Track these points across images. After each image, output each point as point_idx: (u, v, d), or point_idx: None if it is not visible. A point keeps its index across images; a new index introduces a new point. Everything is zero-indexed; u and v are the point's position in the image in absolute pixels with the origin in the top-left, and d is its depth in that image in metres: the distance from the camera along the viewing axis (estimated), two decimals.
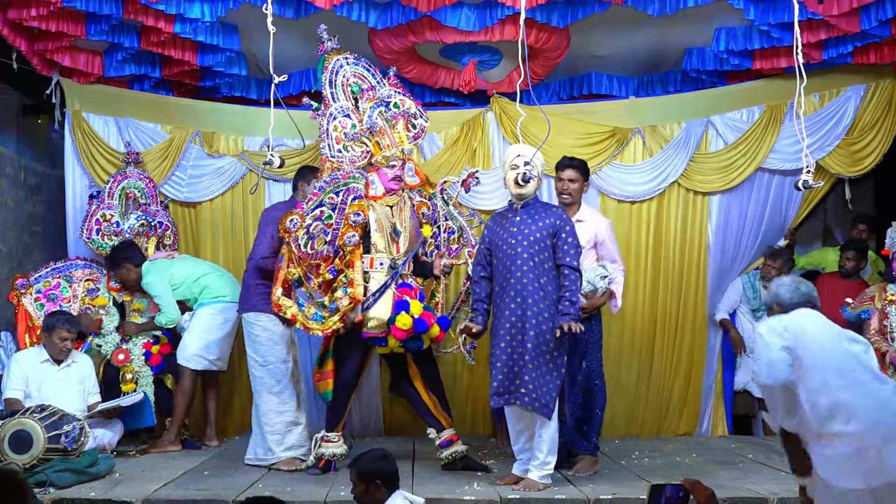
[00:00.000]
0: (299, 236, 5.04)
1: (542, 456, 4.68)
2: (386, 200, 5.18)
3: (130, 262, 5.93)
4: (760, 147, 6.45)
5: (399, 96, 5.34)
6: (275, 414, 5.31)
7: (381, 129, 5.24)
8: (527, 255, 4.72)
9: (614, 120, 6.59)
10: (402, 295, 5.02)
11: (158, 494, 4.44)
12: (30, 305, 6.00)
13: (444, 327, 5.11)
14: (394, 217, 5.17)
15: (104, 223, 6.15)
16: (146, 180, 6.34)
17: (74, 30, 5.80)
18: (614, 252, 5.37)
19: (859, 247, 6.72)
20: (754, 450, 5.84)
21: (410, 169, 5.33)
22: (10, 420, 4.68)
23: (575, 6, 5.75)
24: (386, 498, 3.61)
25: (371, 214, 5.11)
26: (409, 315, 4.92)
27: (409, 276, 5.20)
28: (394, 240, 5.14)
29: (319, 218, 5.07)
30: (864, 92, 6.49)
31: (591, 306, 5.17)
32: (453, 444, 5.21)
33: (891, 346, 5.83)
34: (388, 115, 5.27)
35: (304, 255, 5.08)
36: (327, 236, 5.06)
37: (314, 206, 5.10)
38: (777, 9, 5.66)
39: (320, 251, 5.07)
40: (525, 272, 4.71)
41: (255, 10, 5.23)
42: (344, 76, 5.34)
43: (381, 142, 5.25)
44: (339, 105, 5.27)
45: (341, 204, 5.10)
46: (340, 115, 5.24)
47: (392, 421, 6.65)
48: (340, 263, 5.09)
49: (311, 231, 5.05)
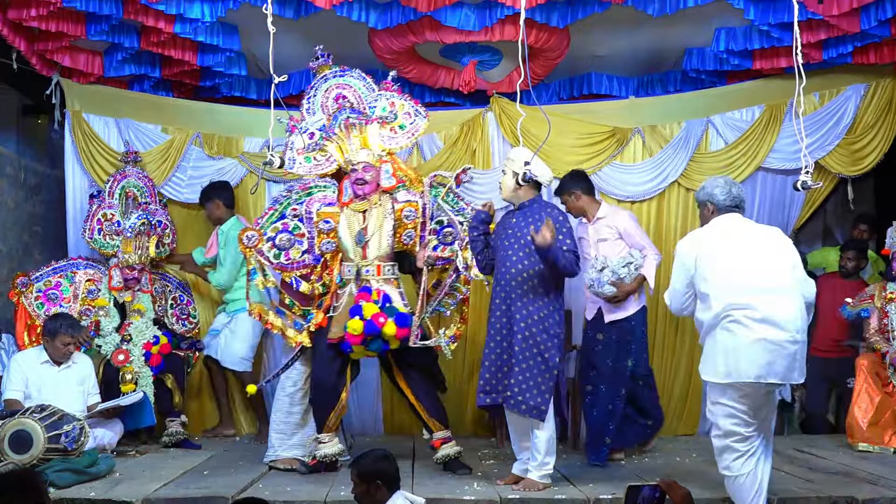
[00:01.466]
0: (264, 249, 5.17)
1: (540, 456, 4.68)
2: (356, 206, 5.21)
3: (222, 201, 6.27)
4: (760, 147, 6.46)
5: (386, 100, 5.39)
6: (284, 414, 5.33)
7: (338, 136, 5.31)
8: (516, 257, 4.75)
9: (614, 120, 6.59)
10: (358, 300, 5.01)
11: (158, 494, 4.44)
12: (29, 304, 6.00)
13: (400, 324, 4.94)
14: (365, 222, 5.17)
15: (105, 222, 6.17)
16: (145, 179, 6.35)
17: (74, 30, 5.80)
18: (642, 240, 5.50)
19: (859, 247, 6.73)
20: None
21: (387, 171, 5.29)
22: (10, 420, 4.68)
23: (575, 6, 5.75)
24: (387, 498, 3.61)
25: (341, 220, 5.18)
26: (361, 319, 4.89)
27: (376, 279, 5.14)
28: (359, 245, 5.15)
29: (286, 230, 5.20)
30: (864, 91, 6.49)
31: (623, 293, 5.32)
32: (444, 447, 5.14)
33: (891, 346, 5.84)
34: (354, 121, 5.32)
35: (282, 265, 5.23)
36: (302, 245, 5.21)
37: (274, 219, 5.23)
38: (777, 9, 5.66)
39: (300, 261, 5.22)
40: (514, 274, 4.74)
41: (255, 10, 5.23)
42: (326, 91, 5.41)
43: (342, 147, 5.31)
44: (312, 121, 5.37)
45: (307, 214, 5.21)
46: (303, 132, 5.35)
47: (392, 421, 6.65)
48: (325, 274, 5.18)
49: (279, 243, 5.19)
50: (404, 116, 5.46)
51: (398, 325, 4.93)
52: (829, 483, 4.73)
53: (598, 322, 5.44)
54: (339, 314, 5.08)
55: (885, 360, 5.84)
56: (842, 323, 6.50)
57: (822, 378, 6.71)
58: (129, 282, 6.02)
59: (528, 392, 4.62)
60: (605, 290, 5.29)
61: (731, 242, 4.19)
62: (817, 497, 4.41)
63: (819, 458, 5.55)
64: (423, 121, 5.48)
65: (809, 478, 4.86)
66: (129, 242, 6.05)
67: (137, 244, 6.06)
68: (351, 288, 5.13)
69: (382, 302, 5.01)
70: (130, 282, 6.02)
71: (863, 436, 5.77)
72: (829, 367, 6.64)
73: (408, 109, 5.44)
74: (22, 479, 3.08)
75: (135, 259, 6.02)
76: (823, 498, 4.41)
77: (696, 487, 4.58)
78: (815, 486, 4.61)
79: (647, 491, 2.88)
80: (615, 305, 5.38)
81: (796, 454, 5.68)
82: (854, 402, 5.86)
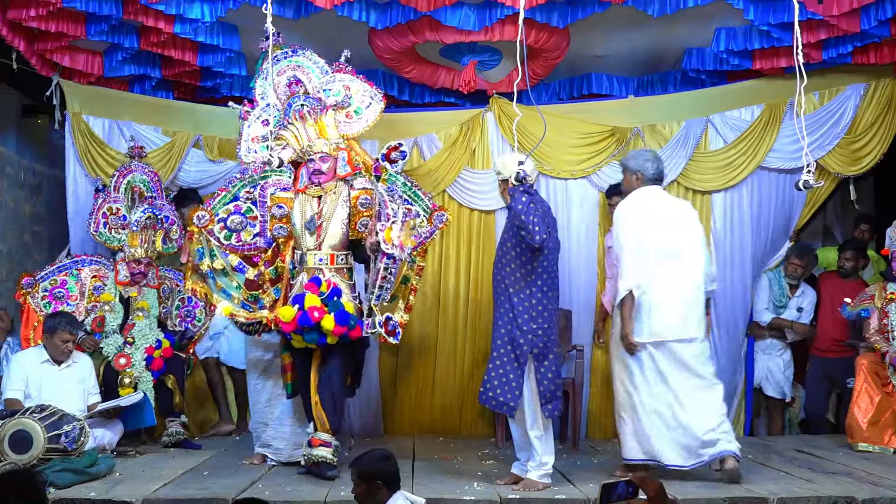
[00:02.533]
0: (215, 230, 5.11)
1: (538, 456, 4.68)
2: (311, 192, 5.12)
3: (198, 203, 6.15)
4: (760, 146, 6.46)
5: (340, 83, 5.31)
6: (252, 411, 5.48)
7: (294, 124, 5.22)
8: (495, 257, 4.84)
9: (614, 119, 6.59)
10: (306, 289, 4.90)
11: (158, 494, 4.43)
12: (36, 304, 5.97)
13: (340, 321, 4.76)
14: (319, 208, 5.07)
15: (111, 216, 6.12)
16: (151, 174, 6.29)
17: (74, 30, 5.81)
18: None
19: (858, 247, 6.73)
20: (754, 450, 5.83)
21: (343, 159, 5.17)
22: (10, 420, 4.67)
23: (575, 6, 5.75)
24: (387, 498, 3.61)
25: (295, 206, 5.10)
26: (298, 308, 4.76)
27: (329, 268, 5.00)
28: (309, 231, 5.05)
29: (239, 212, 5.13)
30: (863, 91, 6.50)
31: None
32: (319, 448, 4.93)
33: (891, 346, 5.83)
34: (309, 108, 5.23)
35: (233, 247, 5.16)
36: (255, 228, 5.15)
37: (227, 201, 5.16)
38: (777, 9, 5.67)
39: (251, 243, 5.17)
40: (494, 275, 4.81)
41: (255, 10, 5.22)
42: (278, 73, 5.31)
43: (298, 136, 5.22)
44: (263, 106, 5.29)
45: (260, 198, 5.16)
46: (256, 120, 5.29)
47: (392, 421, 6.65)
48: (276, 258, 5.12)
49: (231, 225, 5.12)
50: (360, 100, 5.36)
51: (337, 322, 4.77)
52: (829, 483, 4.73)
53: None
54: (284, 304, 5.01)
55: (885, 359, 5.84)
56: (842, 323, 6.50)
57: (823, 378, 6.71)
58: (136, 276, 5.99)
59: (501, 388, 4.64)
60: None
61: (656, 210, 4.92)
62: (817, 497, 4.41)
63: (819, 458, 5.55)
64: (380, 105, 5.39)
65: (809, 478, 4.86)
66: (135, 236, 6.02)
67: (143, 238, 6.01)
68: (303, 277, 5.02)
69: (330, 295, 4.85)
70: (137, 276, 5.99)
71: (862, 436, 5.77)
72: (829, 367, 6.64)
73: (363, 93, 5.33)
74: (21, 479, 3.08)
75: (141, 253, 5.99)
76: (823, 498, 4.41)
77: (697, 487, 4.59)
78: (815, 486, 4.61)
79: (622, 487, 2.96)
80: None
81: (796, 454, 5.68)
82: (854, 402, 5.87)
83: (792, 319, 6.65)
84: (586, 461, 5.53)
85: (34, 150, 7.10)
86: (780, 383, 6.73)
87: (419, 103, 7.05)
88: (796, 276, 6.58)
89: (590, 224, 6.55)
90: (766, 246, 6.63)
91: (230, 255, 5.22)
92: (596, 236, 6.55)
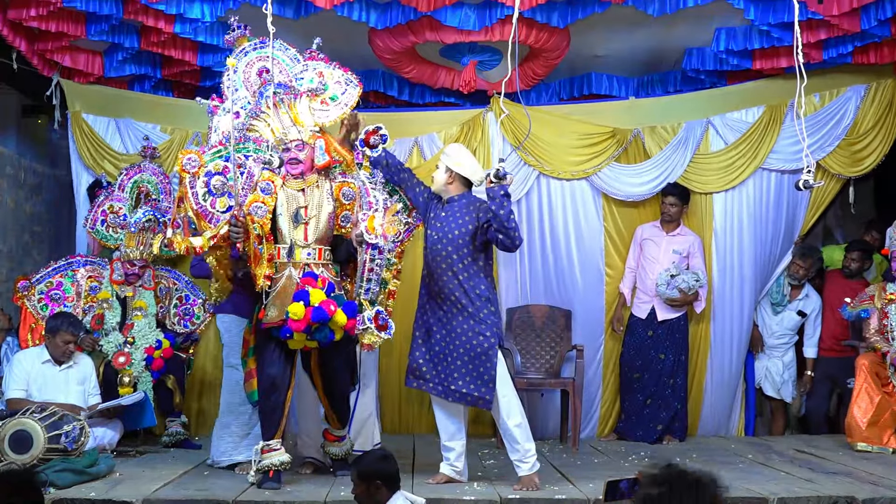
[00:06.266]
0: (197, 184, 4.68)
1: (521, 447, 4.63)
2: (292, 185, 4.81)
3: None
4: (760, 147, 6.46)
5: (313, 71, 4.99)
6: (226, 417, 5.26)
7: (267, 114, 4.91)
8: (445, 251, 4.69)
9: (614, 120, 6.59)
10: (303, 285, 4.63)
11: (158, 494, 4.43)
12: (33, 307, 5.97)
13: (350, 314, 4.59)
14: (305, 201, 4.78)
15: (111, 215, 6.09)
16: (161, 176, 6.26)
17: (74, 30, 5.81)
18: (701, 265, 6.38)
19: (864, 248, 6.71)
20: (754, 450, 5.84)
21: (321, 147, 4.81)
22: (10, 420, 4.67)
23: (575, 6, 5.75)
24: (387, 498, 3.61)
25: (280, 195, 4.75)
26: (306, 305, 4.51)
27: (317, 264, 4.76)
28: (296, 225, 4.76)
29: (222, 173, 4.72)
30: (864, 92, 6.50)
31: (683, 301, 6.30)
32: (333, 444, 5.01)
33: (891, 347, 5.83)
34: (282, 96, 4.90)
35: (202, 210, 4.69)
36: (231, 200, 4.67)
37: (217, 156, 4.76)
38: (777, 9, 5.67)
39: (219, 216, 4.70)
40: (444, 269, 4.70)
41: (255, 10, 5.22)
42: (247, 65, 5.06)
43: (272, 126, 4.93)
44: (235, 98, 4.92)
45: (249, 170, 4.79)
46: (227, 112, 4.92)
47: (392, 421, 6.65)
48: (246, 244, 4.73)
49: (213, 186, 4.70)
50: (335, 86, 5.02)
51: (348, 316, 4.58)
52: (830, 483, 4.73)
53: (651, 320, 6.35)
54: (277, 298, 4.65)
55: (885, 359, 5.84)
56: (843, 322, 6.50)
57: (823, 378, 6.71)
58: (130, 277, 5.98)
59: (475, 383, 4.61)
60: (671, 293, 6.25)
61: None
62: (817, 497, 4.41)
63: (819, 458, 5.55)
64: (356, 90, 5.03)
65: (809, 478, 4.86)
66: (132, 237, 6.00)
67: (140, 239, 5.99)
68: (290, 271, 4.73)
69: (327, 290, 4.63)
70: (131, 277, 5.98)
71: (862, 436, 5.77)
72: (829, 367, 6.64)
73: (338, 78, 5.02)
74: (20, 479, 3.07)
75: (136, 254, 5.98)
76: (823, 498, 4.41)
77: None
78: (815, 486, 4.61)
79: (625, 484, 2.94)
80: (673, 308, 6.30)
81: (796, 454, 5.68)
82: (854, 402, 5.86)
83: (794, 322, 6.65)
84: (586, 461, 5.52)
85: (34, 150, 7.11)
86: (778, 385, 6.72)
87: (419, 103, 7.05)
88: (798, 277, 6.58)
89: (590, 224, 6.55)
90: (768, 248, 6.60)
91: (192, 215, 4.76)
92: (596, 236, 6.55)
